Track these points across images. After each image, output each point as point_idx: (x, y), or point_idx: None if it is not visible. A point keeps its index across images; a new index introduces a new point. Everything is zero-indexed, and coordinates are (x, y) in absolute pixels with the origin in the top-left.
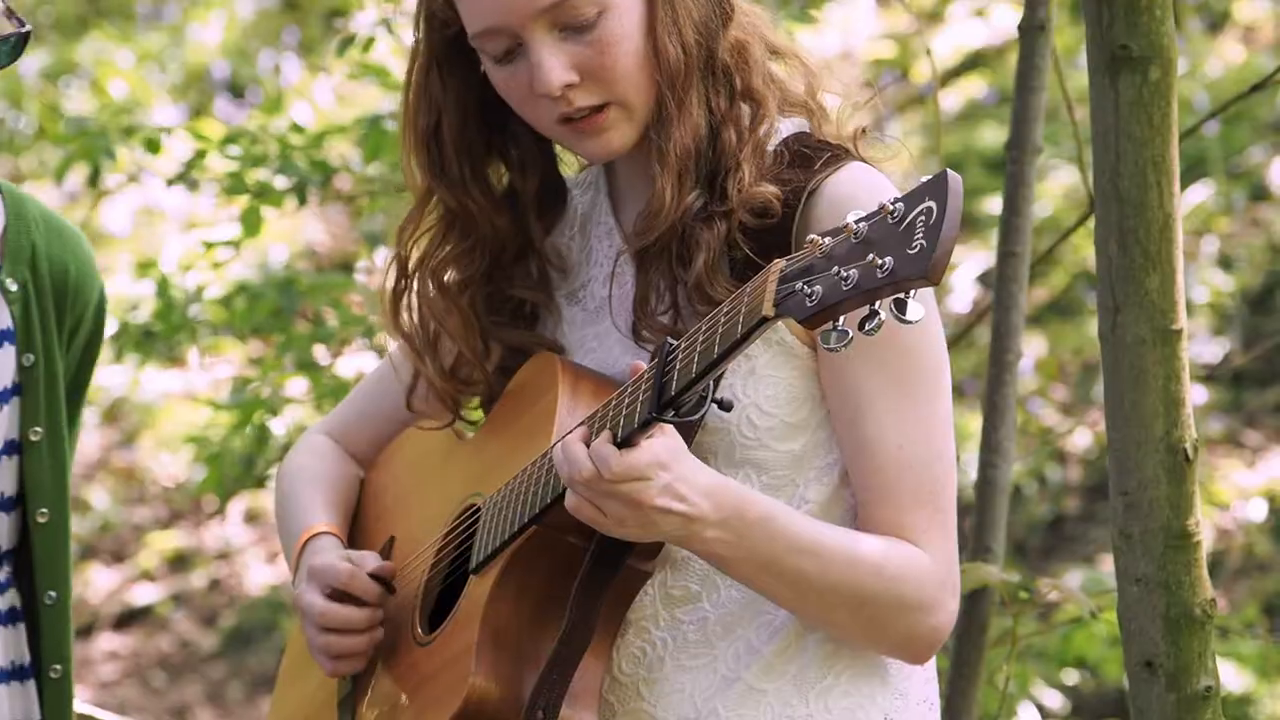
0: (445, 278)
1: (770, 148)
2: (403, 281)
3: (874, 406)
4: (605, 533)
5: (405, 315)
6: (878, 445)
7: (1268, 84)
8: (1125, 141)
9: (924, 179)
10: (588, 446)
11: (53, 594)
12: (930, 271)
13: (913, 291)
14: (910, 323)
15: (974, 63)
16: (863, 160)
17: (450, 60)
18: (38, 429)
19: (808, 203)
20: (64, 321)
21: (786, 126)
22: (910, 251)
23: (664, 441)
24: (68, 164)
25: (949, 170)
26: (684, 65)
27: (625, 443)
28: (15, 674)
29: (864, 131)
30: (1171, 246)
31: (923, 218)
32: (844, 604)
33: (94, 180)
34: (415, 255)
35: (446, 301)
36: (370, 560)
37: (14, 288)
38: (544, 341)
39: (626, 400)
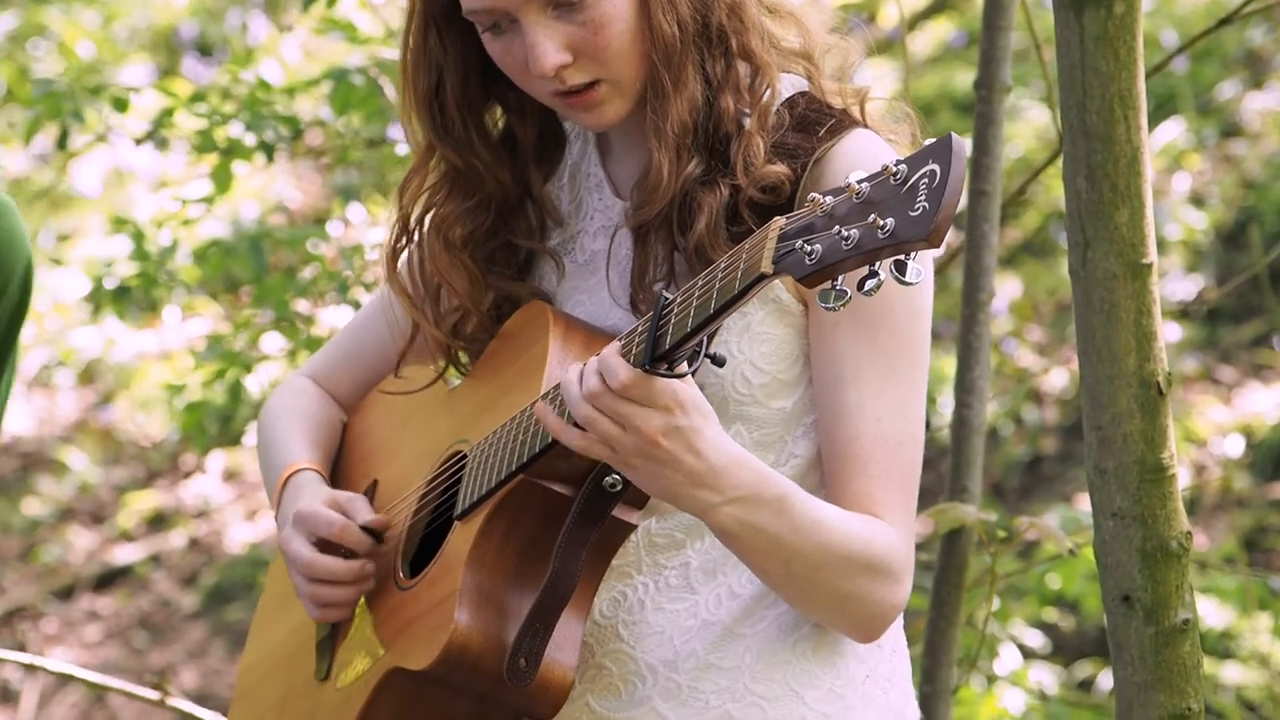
0: (451, 234)
1: (772, 109)
2: (403, 239)
3: (859, 375)
4: (615, 466)
5: (404, 271)
6: (857, 413)
7: (1235, 18)
8: (1091, 76)
9: (928, 142)
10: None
11: None
12: (932, 234)
13: (913, 254)
14: (910, 284)
15: (942, 5)
16: (866, 126)
17: (448, 19)
18: None
19: (813, 171)
20: None
21: (787, 85)
22: (912, 214)
23: (688, 389)
24: (35, 125)
25: (953, 134)
26: (679, 41)
27: None
28: None
29: (867, 93)
30: (1140, 180)
31: (925, 180)
32: (828, 582)
33: (62, 142)
34: (417, 212)
35: (451, 257)
36: (361, 509)
37: None
38: (538, 293)
39: (619, 352)
